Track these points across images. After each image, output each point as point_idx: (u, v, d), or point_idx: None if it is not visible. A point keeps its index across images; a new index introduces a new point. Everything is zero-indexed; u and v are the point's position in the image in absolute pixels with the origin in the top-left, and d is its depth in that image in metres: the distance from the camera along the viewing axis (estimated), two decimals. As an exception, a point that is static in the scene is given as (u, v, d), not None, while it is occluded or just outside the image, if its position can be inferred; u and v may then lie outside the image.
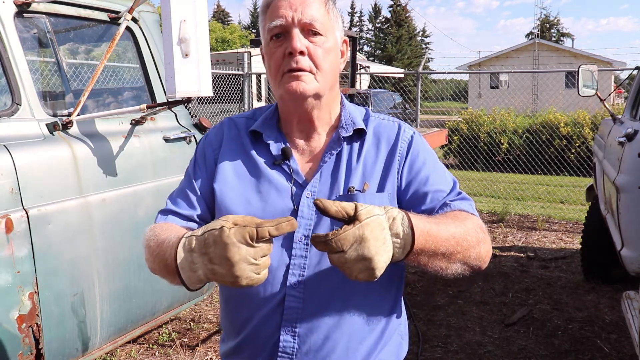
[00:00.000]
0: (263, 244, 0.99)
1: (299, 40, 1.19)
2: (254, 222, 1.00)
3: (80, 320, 2.40)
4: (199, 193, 1.30)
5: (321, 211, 1.01)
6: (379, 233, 1.00)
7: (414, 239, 1.04)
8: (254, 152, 1.30)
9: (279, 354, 1.23)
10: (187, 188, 1.32)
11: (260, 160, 1.28)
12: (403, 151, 1.28)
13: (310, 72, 1.21)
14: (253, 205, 1.24)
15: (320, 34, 1.21)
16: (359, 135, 1.30)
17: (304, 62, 1.20)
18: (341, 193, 1.24)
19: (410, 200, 1.26)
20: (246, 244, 0.98)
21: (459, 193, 1.28)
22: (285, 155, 1.27)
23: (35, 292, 2.17)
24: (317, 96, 1.24)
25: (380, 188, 1.25)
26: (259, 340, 1.25)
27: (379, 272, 1.01)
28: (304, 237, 1.21)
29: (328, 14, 1.24)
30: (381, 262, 1.00)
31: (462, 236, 1.14)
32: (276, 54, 1.22)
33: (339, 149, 1.27)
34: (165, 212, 1.31)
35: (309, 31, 1.21)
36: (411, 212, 1.09)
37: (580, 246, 4.58)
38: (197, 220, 1.30)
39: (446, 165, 9.98)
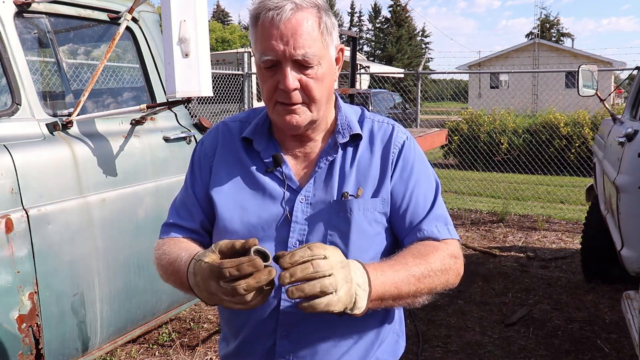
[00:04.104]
0: (231, 283, 1.00)
1: (292, 77, 1.17)
2: (231, 255, 1.06)
3: (80, 320, 2.40)
4: (197, 203, 1.32)
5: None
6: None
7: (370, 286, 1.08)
8: (247, 159, 1.30)
9: (276, 358, 1.24)
10: (186, 198, 1.34)
11: (254, 167, 1.28)
12: (394, 157, 1.28)
13: (304, 103, 1.20)
14: (248, 211, 1.25)
15: (314, 65, 1.18)
16: (354, 139, 1.29)
17: (296, 97, 1.19)
18: (335, 198, 1.24)
19: (391, 212, 1.27)
20: (215, 280, 1.03)
21: (437, 216, 1.27)
22: (277, 161, 1.26)
23: (35, 292, 2.17)
24: (311, 123, 1.24)
25: (375, 194, 1.25)
26: (256, 344, 1.26)
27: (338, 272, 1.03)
28: (298, 243, 1.22)
29: (322, 36, 1.19)
30: (337, 260, 1.04)
31: (425, 273, 1.17)
32: (269, 82, 1.20)
33: (335, 155, 1.27)
34: (168, 225, 1.34)
35: (302, 64, 1.17)
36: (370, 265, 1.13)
37: (580, 246, 4.57)
38: (199, 230, 1.32)
39: (446, 166, 10.02)
